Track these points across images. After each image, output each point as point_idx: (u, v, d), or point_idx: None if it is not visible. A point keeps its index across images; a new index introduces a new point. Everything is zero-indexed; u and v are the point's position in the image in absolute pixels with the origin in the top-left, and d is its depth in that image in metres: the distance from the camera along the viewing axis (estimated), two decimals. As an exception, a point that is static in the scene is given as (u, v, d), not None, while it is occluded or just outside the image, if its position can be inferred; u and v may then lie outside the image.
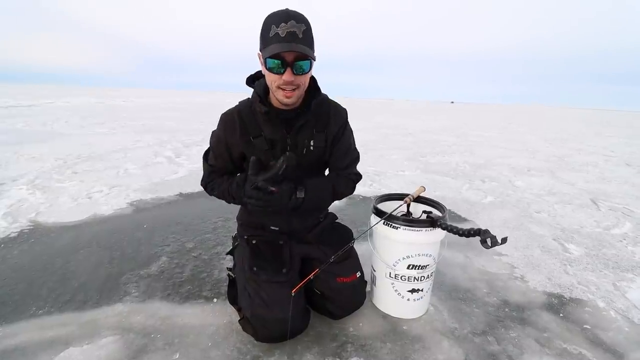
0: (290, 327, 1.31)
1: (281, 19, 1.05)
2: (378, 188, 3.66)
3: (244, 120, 1.26)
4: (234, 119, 1.27)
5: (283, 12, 1.07)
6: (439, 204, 1.53)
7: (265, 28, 1.08)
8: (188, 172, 4.08)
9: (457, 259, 2.09)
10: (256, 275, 1.34)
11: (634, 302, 1.74)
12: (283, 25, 1.04)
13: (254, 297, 1.30)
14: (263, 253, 1.39)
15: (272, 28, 1.06)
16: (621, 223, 2.86)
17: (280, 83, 1.12)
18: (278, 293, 1.29)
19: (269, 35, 1.06)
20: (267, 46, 1.07)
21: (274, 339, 1.32)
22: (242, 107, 1.28)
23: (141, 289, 1.69)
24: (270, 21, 1.07)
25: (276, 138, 1.26)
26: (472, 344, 1.39)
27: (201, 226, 2.45)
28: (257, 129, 1.25)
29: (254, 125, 1.25)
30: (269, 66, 1.10)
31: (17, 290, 1.65)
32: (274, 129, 1.26)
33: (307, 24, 1.09)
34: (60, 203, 2.85)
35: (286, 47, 1.05)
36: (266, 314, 1.27)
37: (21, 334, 1.37)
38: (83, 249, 2.07)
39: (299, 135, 1.28)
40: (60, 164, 4.20)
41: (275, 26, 1.05)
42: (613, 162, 5.82)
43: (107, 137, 6.47)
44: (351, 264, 1.49)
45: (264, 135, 1.25)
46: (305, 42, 1.08)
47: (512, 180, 4.24)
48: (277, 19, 1.06)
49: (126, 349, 1.31)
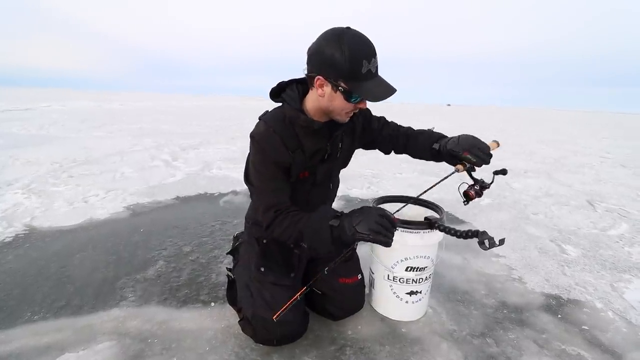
0: (289, 330, 1.31)
1: (371, 54, 1.04)
2: (376, 190, 3.66)
3: (283, 137, 1.20)
4: (273, 137, 1.19)
5: (368, 43, 1.05)
6: (437, 205, 1.53)
7: (355, 60, 1.02)
8: (185, 175, 4.07)
9: (455, 261, 2.09)
10: (263, 275, 1.34)
11: (631, 302, 1.74)
12: (373, 62, 1.05)
13: (256, 297, 1.31)
14: (273, 254, 1.38)
15: (364, 63, 1.02)
16: (617, 224, 2.87)
17: (354, 110, 1.16)
18: (282, 296, 1.27)
19: (362, 72, 1.03)
20: (359, 81, 1.05)
21: (272, 341, 1.32)
22: (274, 123, 1.21)
23: (138, 294, 1.67)
24: (360, 55, 1.02)
25: (318, 149, 1.26)
26: (470, 346, 1.39)
27: (198, 230, 2.44)
28: (295, 143, 1.21)
29: (291, 140, 1.21)
30: (355, 100, 1.09)
31: (12, 296, 1.63)
32: (318, 141, 1.25)
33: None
34: (56, 207, 2.83)
35: (387, 90, 1.07)
36: (268, 315, 1.24)
37: (16, 339, 1.36)
38: (79, 253, 2.05)
39: (335, 142, 1.30)
40: (56, 168, 4.18)
41: (367, 62, 1.03)
42: (609, 164, 5.85)
43: (104, 141, 6.44)
44: (353, 265, 1.52)
45: (303, 148, 1.23)
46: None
47: (509, 182, 4.25)
48: (368, 53, 1.03)
49: (123, 354, 1.29)
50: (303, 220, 1.14)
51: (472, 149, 1.20)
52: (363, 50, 1.03)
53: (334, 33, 1.04)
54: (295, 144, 1.21)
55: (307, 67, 1.12)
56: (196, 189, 3.50)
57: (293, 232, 1.15)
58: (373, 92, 1.06)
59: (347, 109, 1.14)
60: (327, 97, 1.11)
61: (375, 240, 1.03)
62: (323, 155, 1.29)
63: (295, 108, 1.20)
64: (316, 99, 1.15)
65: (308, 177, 1.30)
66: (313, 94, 1.17)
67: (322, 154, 1.28)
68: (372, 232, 1.01)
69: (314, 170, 1.30)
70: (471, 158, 1.21)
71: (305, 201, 1.33)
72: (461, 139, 1.24)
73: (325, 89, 1.10)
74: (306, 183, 1.31)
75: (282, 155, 1.20)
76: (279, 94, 1.26)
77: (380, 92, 1.06)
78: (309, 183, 1.32)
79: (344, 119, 1.18)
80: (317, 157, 1.28)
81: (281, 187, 1.23)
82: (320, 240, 1.10)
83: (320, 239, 1.09)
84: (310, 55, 1.10)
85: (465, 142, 1.22)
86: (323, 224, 1.09)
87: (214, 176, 4.08)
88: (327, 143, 1.27)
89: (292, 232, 1.15)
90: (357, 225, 1.03)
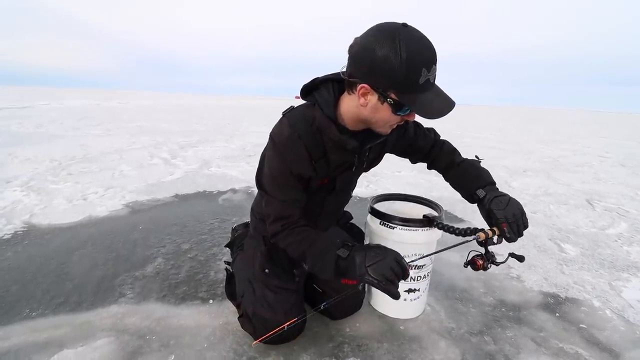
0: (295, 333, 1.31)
1: (431, 60, 0.86)
2: (374, 189, 3.67)
3: (307, 144, 1.07)
4: (297, 144, 1.07)
5: (429, 46, 0.86)
6: (436, 203, 1.53)
7: (414, 68, 0.84)
8: (184, 173, 4.06)
9: (453, 259, 2.09)
10: (267, 277, 1.31)
11: (629, 301, 1.75)
12: (433, 69, 0.87)
13: (258, 297, 1.29)
14: (279, 257, 1.34)
15: (423, 72, 0.85)
16: (616, 223, 2.88)
17: (400, 122, 1.01)
18: (285, 299, 1.28)
19: (419, 82, 0.85)
20: (413, 93, 0.87)
21: (271, 341, 1.31)
22: (300, 126, 1.08)
23: (136, 291, 1.67)
24: (420, 61, 0.84)
25: (344, 161, 1.15)
26: (469, 344, 1.39)
27: (197, 227, 2.44)
28: (321, 152, 1.09)
29: (317, 149, 1.09)
30: (405, 113, 0.94)
31: (10, 292, 1.63)
32: (346, 155, 1.13)
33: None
34: (55, 204, 2.83)
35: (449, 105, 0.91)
36: (269, 316, 1.24)
37: (14, 336, 1.36)
38: (78, 251, 2.05)
39: (362, 154, 1.18)
40: (55, 166, 4.17)
41: (427, 70, 0.85)
42: (608, 163, 5.86)
43: (103, 139, 6.43)
44: None
45: (328, 159, 1.11)
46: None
47: (508, 180, 4.26)
48: (429, 59, 0.85)
49: (121, 351, 1.29)
50: (309, 239, 1.08)
51: (513, 223, 1.08)
52: (424, 55, 0.85)
53: (389, 30, 0.84)
54: (320, 154, 1.09)
55: (348, 69, 0.94)
56: (195, 187, 3.50)
57: (296, 250, 1.10)
58: (432, 107, 0.89)
59: (393, 122, 0.99)
60: (371, 108, 0.95)
61: (384, 290, 0.93)
62: (349, 167, 1.19)
63: (327, 116, 1.04)
64: (355, 106, 0.98)
65: (327, 185, 1.21)
66: (352, 100, 0.99)
67: (347, 166, 1.18)
68: (384, 280, 0.92)
69: (334, 179, 1.21)
70: (506, 232, 1.08)
71: (320, 206, 1.28)
72: (510, 206, 1.10)
73: (370, 99, 0.93)
74: (324, 190, 1.24)
75: (304, 166, 1.08)
76: (311, 91, 1.09)
77: (439, 106, 0.90)
78: (327, 190, 1.25)
79: (386, 131, 1.04)
80: (341, 169, 1.18)
81: (295, 199, 1.14)
82: (323, 268, 1.04)
83: (323, 266, 1.04)
84: (353, 54, 0.90)
85: (511, 212, 1.09)
86: (330, 251, 1.02)
87: (212, 174, 4.08)
88: (354, 156, 1.14)
89: (295, 250, 1.11)
90: (370, 267, 0.94)
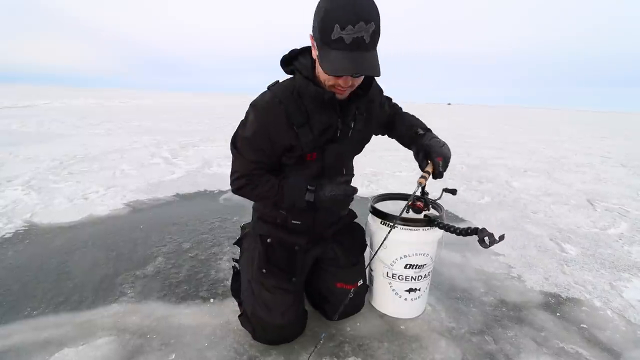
0: (288, 333, 1.32)
1: (349, 20, 0.84)
2: (375, 189, 3.66)
3: (288, 109, 1.07)
4: (276, 109, 1.07)
5: (351, 6, 0.84)
6: (437, 203, 1.53)
7: (328, 22, 0.86)
8: (185, 172, 4.07)
9: (454, 259, 2.09)
10: (264, 277, 1.29)
11: (630, 301, 1.74)
12: (350, 29, 0.84)
13: (257, 298, 1.29)
14: (276, 256, 1.32)
15: (335, 28, 0.85)
16: (617, 223, 2.87)
17: (335, 84, 1.01)
18: (281, 299, 1.28)
19: (331, 37, 0.86)
20: (327, 49, 0.89)
21: (270, 341, 1.32)
22: (281, 94, 1.08)
23: (137, 290, 1.67)
24: (333, 16, 0.85)
25: (329, 124, 1.13)
26: (469, 344, 1.39)
27: (198, 227, 2.44)
28: (303, 117, 1.08)
29: (298, 114, 1.08)
30: (326, 71, 0.93)
31: (11, 291, 1.64)
32: (328, 116, 1.11)
33: (377, 21, 0.87)
34: (56, 204, 2.83)
35: (352, 63, 0.88)
36: (266, 317, 1.26)
37: (15, 334, 1.36)
38: (78, 250, 2.05)
39: (348, 118, 1.17)
40: (56, 165, 4.17)
41: (340, 28, 0.84)
42: (609, 163, 5.85)
43: (104, 138, 6.44)
44: (357, 270, 1.45)
45: (311, 124, 1.10)
46: (371, 47, 0.89)
47: (509, 181, 4.25)
48: (344, 18, 0.84)
49: (122, 350, 1.30)
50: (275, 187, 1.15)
51: (445, 159, 1.20)
52: (341, 13, 0.84)
53: None
54: (302, 119, 1.08)
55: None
56: (196, 187, 3.50)
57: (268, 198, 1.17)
58: (334, 64, 0.89)
59: (329, 81, 1.00)
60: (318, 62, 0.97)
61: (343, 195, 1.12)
62: (334, 134, 1.15)
63: (305, 76, 1.05)
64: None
65: (316, 160, 1.17)
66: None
67: (332, 132, 1.15)
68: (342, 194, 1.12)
69: (323, 152, 1.17)
70: (440, 166, 1.20)
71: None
72: (445, 147, 1.23)
73: (315, 52, 0.97)
74: (314, 166, 1.18)
75: (282, 131, 1.08)
76: (291, 62, 1.10)
77: (343, 65, 0.88)
78: (317, 166, 1.19)
79: (337, 92, 1.03)
80: (327, 136, 1.14)
81: (265, 162, 1.15)
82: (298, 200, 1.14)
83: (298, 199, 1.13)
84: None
85: (445, 151, 1.21)
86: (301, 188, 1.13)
87: (213, 174, 4.08)
88: (338, 119, 1.13)
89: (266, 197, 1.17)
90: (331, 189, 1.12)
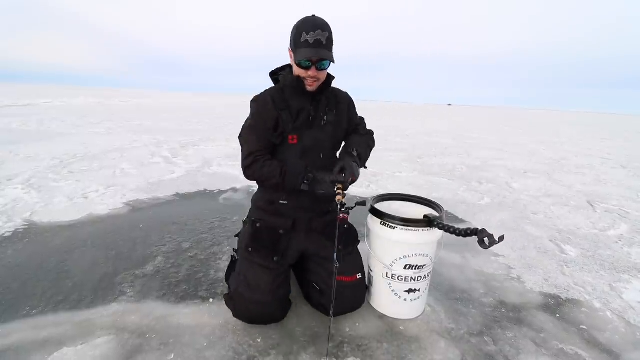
0: (265, 311, 1.40)
1: (310, 28, 1.28)
2: (375, 189, 3.66)
3: (274, 98, 1.44)
4: (266, 98, 1.44)
5: (312, 20, 1.30)
6: (436, 204, 1.53)
7: (297, 33, 1.31)
8: (185, 172, 4.07)
9: (454, 260, 2.09)
10: (250, 255, 1.45)
11: (630, 302, 1.74)
12: (312, 34, 1.28)
13: (241, 275, 1.44)
14: (262, 237, 1.48)
15: (303, 34, 1.29)
16: (617, 224, 2.87)
17: (307, 76, 1.36)
18: (262, 277, 1.40)
19: (300, 40, 1.30)
20: (298, 49, 1.31)
21: (249, 319, 1.42)
22: (270, 90, 1.48)
23: (136, 289, 1.67)
24: (301, 28, 1.30)
25: (302, 107, 1.43)
26: (469, 345, 1.39)
27: (197, 226, 2.44)
28: (284, 104, 1.43)
29: (281, 101, 1.43)
30: (299, 64, 1.33)
31: (11, 290, 1.63)
32: (302, 101, 1.44)
33: (330, 32, 1.32)
34: (56, 202, 2.83)
35: (314, 53, 1.30)
36: (246, 293, 1.39)
37: (15, 333, 1.36)
38: (78, 249, 2.05)
39: (319, 108, 1.46)
40: (57, 164, 4.17)
41: (306, 33, 1.28)
42: (609, 165, 5.85)
43: (104, 137, 6.44)
44: (354, 262, 1.53)
45: (290, 109, 1.43)
46: (328, 47, 1.33)
47: (509, 182, 4.25)
48: (307, 27, 1.29)
49: (121, 349, 1.29)
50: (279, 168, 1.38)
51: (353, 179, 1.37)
52: (305, 25, 1.30)
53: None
54: (283, 105, 1.42)
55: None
56: (196, 186, 3.50)
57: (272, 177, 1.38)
58: (302, 55, 1.30)
59: (302, 74, 1.36)
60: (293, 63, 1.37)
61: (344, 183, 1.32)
62: (307, 117, 1.44)
63: (287, 75, 1.44)
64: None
65: (297, 144, 1.43)
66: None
67: (306, 115, 1.44)
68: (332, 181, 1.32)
69: (302, 136, 1.43)
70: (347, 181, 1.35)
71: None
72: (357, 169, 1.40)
73: (291, 59, 1.38)
74: (296, 149, 1.44)
75: (270, 112, 1.41)
76: (276, 73, 1.51)
77: (307, 55, 1.30)
78: (298, 150, 1.44)
79: (308, 86, 1.39)
80: (302, 118, 1.43)
81: (263, 138, 1.43)
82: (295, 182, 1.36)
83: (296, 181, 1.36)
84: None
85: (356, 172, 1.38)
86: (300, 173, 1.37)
87: (213, 173, 4.08)
88: (310, 105, 1.44)
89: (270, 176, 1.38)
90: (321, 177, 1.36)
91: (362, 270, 1.54)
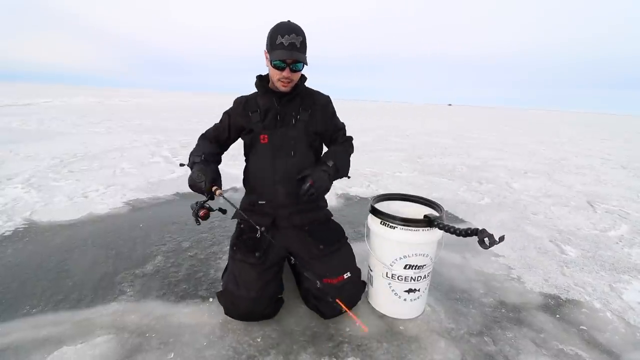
0: (253, 307, 1.40)
1: (285, 31, 1.36)
2: (375, 189, 3.66)
3: (248, 99, 1.58)
4: (241, 100, 1.59)
5: (287, 25, 1.38)
6: (436, 204, 1.53)
7: (273, 36, 1.37)
8: (185, 171, 4.06)
9: (454, 260, 2.09)
10: (234, 252, 1.50)
11: (629, 303, 1.74)
12: (287, 37, 1.35)
13: (230, 272, 1.47)
14: (245, 236, 1.54)
15: (278, 37, 1.36)
16: (617, 225, 2.87)
17: (281, 77, 1.43)
18: (247, 274, 1.42)
19: (276, 43, 1.37)
20: (273, 50, 1.38)
21: (238, 315, 1.43)
22: (247, 95, 1.62)
23: (136, 288, 1.67)
24: (277, 31, 1.37)
25: (269, 107, 1.52)
26: (468, 345, 1.39)
27: (197, 226, 2.42)
28: (255, 105, 1.54)
29: (253, 103, 1.56)
30: (274, 65, 1.40)
31: (10, 289, 1.63)
32: (269, 100, 1.53)
33: (303, 36, 1.40)
34: (56, 202, 2.83)
35: (289, 55, 1.36)
36: (234, 290, 1.40)
37: (14, 332, 1.36)
38: (78, 248, 2.05)
39: (287, 107, 1.53)
40: (57, 163, 4.17)
41: (281, 36, 1.36)
42: (609, 165, 5.85)
43: (104, 137, 6.44)
44: (339, 263, 1.47)
45: (259, 109, 1.53)
46: (301, 50, 1.40)
47: (509, 182, 4.25)
48: (283, 31, 1.37)
49: (120, 348, 1.29)
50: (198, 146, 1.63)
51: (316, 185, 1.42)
52: (280, 29, 1.37)
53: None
54: (254, 108, 1.54)
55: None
56: (196, 186, 3.49)
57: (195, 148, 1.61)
58: (277, 55, 1.37)
59: (277, 75, 1.43)
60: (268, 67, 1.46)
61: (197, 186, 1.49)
62: (275, 116, 1.52)
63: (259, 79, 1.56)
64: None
65: (267, 143, 1.51)
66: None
67: (273, 114, 1.52)
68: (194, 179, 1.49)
69: (272, 135, 1.51)
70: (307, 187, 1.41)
71: (272, 169, 1.52)
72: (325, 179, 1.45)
73: (266, 61, 1.45)
74: (267, 148, 1.51)
75: (239, 114, 1.57)
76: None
77: (282, 56, 1.37)
78: (270, 149, 1.51)
79: (280, 87, 1.46)
80: (270, 117, 1.52)
81: (219, 129, 1.65)
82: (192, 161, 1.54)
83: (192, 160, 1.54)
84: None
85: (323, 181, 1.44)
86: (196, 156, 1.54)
87: (214, 173, 4.07)
88: (277, 105, 1.51)
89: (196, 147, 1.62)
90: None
91: (351, 267, 1.49)
